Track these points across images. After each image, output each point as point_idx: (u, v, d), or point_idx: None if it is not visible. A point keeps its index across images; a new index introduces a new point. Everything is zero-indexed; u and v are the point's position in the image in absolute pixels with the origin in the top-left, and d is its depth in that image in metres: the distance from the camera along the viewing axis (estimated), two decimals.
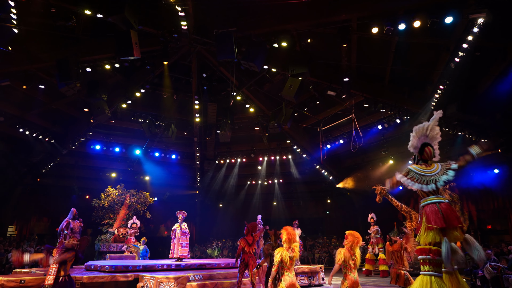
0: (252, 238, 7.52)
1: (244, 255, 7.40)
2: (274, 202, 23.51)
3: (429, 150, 4.50)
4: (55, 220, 19.38)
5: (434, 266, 4.05)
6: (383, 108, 13.42)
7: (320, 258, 19.42)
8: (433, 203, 4.23)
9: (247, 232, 7.55)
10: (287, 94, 11.64)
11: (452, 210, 4.19)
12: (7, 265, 14.25)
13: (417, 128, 4.60)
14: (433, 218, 4.12)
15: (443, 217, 4.08)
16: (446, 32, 10.17)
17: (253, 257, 7.45)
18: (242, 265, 7.41)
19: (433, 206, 4.21)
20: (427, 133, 4.53)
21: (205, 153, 20.46)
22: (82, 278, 7.78)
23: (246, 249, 7.40)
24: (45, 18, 10.51)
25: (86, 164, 20.10)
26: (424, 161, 4.53)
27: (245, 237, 7.52)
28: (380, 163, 17.73)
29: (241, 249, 7.43)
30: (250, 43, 10.65)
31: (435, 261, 4.05)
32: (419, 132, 4.58)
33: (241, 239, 7.54)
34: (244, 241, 7.47)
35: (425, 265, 4.12)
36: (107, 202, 16.02)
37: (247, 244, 7.44)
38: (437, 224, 4.08)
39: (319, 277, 10.64)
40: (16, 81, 12.14)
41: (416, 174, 4.37)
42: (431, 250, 4.09)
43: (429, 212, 4.21)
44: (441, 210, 4.13)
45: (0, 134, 15.47)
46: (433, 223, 4.10)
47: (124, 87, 14.30)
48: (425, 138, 4.54)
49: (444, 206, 4.17)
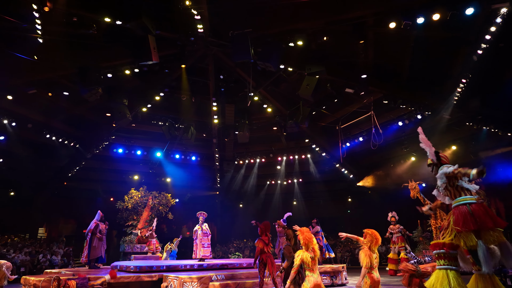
0: (268, 237, 7.54)
1: (262, 255, 7.40)
2: (294, 202, 23.43)
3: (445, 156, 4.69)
4: (81, 222, 19.97)
5: (448, 260, 4.01)
6: (403, 104, 13.18)
7: (342, 257, 19.23)
8: (463, 204, 4.07)
9: (261, 232, 7.57)
10: (304, 93, 11.61)
11: (485, 211, 3.99)
12: (38, 265, 14.82)
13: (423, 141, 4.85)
14: (462, 221, 3.97)
15: (474, 219, 3.92)
16: (467, 24, 9.86)
17: (271, 256, 7.45)
18: (261, 265, 7.40)
19: (463, 207, 4.06)
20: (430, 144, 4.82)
21: (224, 154, 20.62)
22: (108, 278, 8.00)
23: (264, 249, 7.40)
24: (67, 27, 10.88)
25: (109, 167, 20.66)
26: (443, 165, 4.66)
27: (261, 238, 7.52)
28: (401, 160, 17.39)
29: (259, 250, 7.42)
30: (265, 44, 10.69)
31: (449, 255, 4.01)
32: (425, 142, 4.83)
33: (258, 240, 7.55)
34: (262, 243, 7.47)
35: (440, 259, 4.09)
36: (131, 204, 16.41)
37: (264, 244, 7.43)
38: (466, 227, 3.92)
39: (342, 277, 10.55)
40: (41, 89, 12.62)
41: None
42: (445, 244, 4.04)
43: (457, 214, 4.07)
44: (471, 211, 3.97)
45: (28, 140, 16.10)
46: (461, 226, 3.96)
47: (143, 91, 14.63)
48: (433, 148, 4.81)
49: (475, 207, 4.00)
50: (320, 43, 12.15)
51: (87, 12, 10.44)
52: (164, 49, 11.77)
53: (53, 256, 15.63)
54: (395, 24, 9.84)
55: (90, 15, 10.43)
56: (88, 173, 20.26)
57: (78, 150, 17.20)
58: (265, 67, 10.77)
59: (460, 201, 4.13)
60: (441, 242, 4.09)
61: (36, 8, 9.34)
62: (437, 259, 4.13)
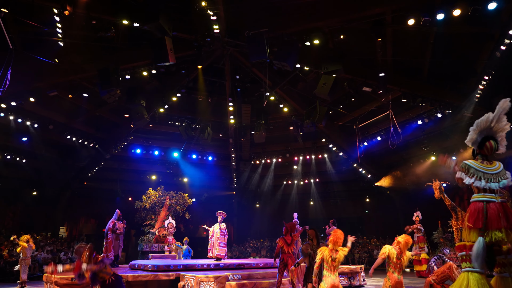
0: (291, 238, 7.50)
1: (283, 255, 7.38)
2: (311, 202, 23.27)
3: (490, 144, 4.08)
4: (101, 222, 20.39)
5: (470, 262, 3.86)
6: (422, 103, 12.87)
7: (360, 258, 18.96)
8: (481, 201, 3.95)
9: (285, 232, 7.54)
10: (321, 92, 11.50)
11: (502, 211, 3.82)
12: (59, 263, 15.19)
13: (479, 121, 4.15)
14: (473, 217, 3.90)
15: (485, 217, 3.81)
16: (490, 19, 9.55)
17: (292, 257, 7.39)
18: (281, 265, 7.39)
19: (478, 204, 3.95)
20: (491, 125, 4.10)
21: (241, 154, 20.66)
22: (127, 277, 8.13)
23: (285, 249, 7.38)
24: (87, 31, 11.12)
25: (128, 167, 21.02)
26: (483, 156, 4.14)
27: (284, 237, 7.50)
28: (421, 160, 17.00)
29: (279, 248, 7.42)
30: (281, 43, 10.63)
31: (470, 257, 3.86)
32: (481, 125, 4.13)
33: (280, 238, 7.54)
34: (282, 241, 7.46)
35: (463, 261, 3.96)
36: (148, 203, 16.64)
37: (285, 243, 7.42)
38: (474, 225, 3.85)
39: (360, 278, 10.40)
40: (62, 91, 12.95)
41: (476, 171, 4.00)
42: (466, 246, 3.92)
43: (472, 209, 3.98)
44: (486, 210, 3.85)
45: (50, 141, 16.56)
46: (470, 223, 3.89)
47: (161, 92, 14.81)
48: (489, 131, 4.12)
49: (492, 206, 3.85)
50: (337, 42, 12.01)
51: (106, 15, 10.64)
52: (180, 50, 11.88)
53: (74, 254, 16.00)
54: (414, 20, 9.61)
55: (108, 18, 10.63)
56: (107, 173, 20.68)
57: (98, 151, 17.57)
58: (281, 67, 10.72)
59: (479, 197, 3.99)
60: (462, 244, 3.97)
61: (57, 12, 9.57)
62: (462, 262, 4.02)
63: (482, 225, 3.81)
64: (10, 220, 18.40)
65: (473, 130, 4.18)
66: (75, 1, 9.63)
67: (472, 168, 4.03)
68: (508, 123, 4.14)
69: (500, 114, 4.12)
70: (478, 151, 4.20)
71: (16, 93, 12.15)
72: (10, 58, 9.26)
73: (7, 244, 14.96)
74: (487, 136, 4.12)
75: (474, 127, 4.17)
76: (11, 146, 16.06)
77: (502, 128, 4.12)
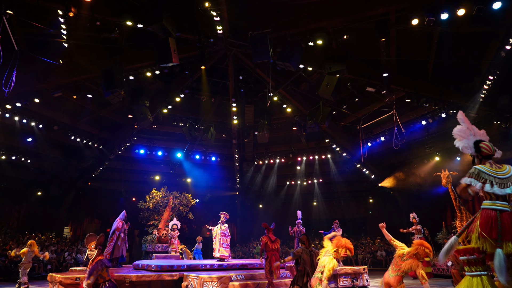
0: (275, 237, 7.89)
1: (268, 252, 7.69)
2: (314, 202, 23.22)
3: (486, 145, 3.98)
4: (105, 222, 20.52)
5: (481, 265, 3.77)
6: (426, 103, 12.82)
7: (364, 259, 18.90)
8: (494, 210, 3.74)
9: (268, 232, 7.94)
10: (324, 93, 11.48)
11: None
12: (64, 263, 15.28)
13: (458, 131, 4.15)
14: (486, 226, 3.72)
15: (499, 227, 3.64)
16: (495, 18, 9.51)
17: (276, 254, 7.71)
18: (267, 264, 7.65)
19: (491, 213, 3.74)
20: (472, 132, 4.11)
21: (244, 155, 20.67)
22: (131, 277, 8.15)
23: (270, 245, 7.71)
24: (91, 32, 11.19)
25: (131, 168, 21.10)
26: (486, 157, 3.99)
27: (268, 235, 7.87)
28: (425, 160, 16.94)
29: (264, 244, 7.75)
30: (285, 43, 10.62)
31: (481, 260, 3.76)
32: (463, 134, 4.13)
33: (264, 236, 7.90)
34: (267, 238, 7.82)
35: (471, 265, 3.84)
36: (152, 204, 16.67)
37: (269, 240, 7.76)
38: (488, 235, 3.68)
39: (363, 279, 10.36)
40: (67, 92, 13.02)
41: (488, 176, 3.79)
42: (475, 250, 3.78)
43: (484, 217, 3.78)
44: (499, 219, 3.67)
45: (55, 142, 16.65)
46: (483, 231, 3.71)
47: (164, 93, 14.86)
48: (474, 137, 4.10)
49: (505, 216, 3.68)
50: (340, 42, 12.00)
51: (110, 17, 10.69)
52: (184, 51, 11.91)
53: (78, 254, 16.07)
54: (418, 20, 9.58)
55: (112, 19, 10.68)
56: (111, 174, 20.76)
57: (102, 151, 17.65)
58: (284, 67, 10.72)
59: (490, 205, 3.80)
60: (471, 247, 3.82)
61: (62, 14, 9.64)
62: (468, 265, 3.89)
63: (497, 235, 3.64)
64: (15, 220, 18.51)
65: (458, 138, 4.15)
66: (79, 3, 9.68)
67: (483, 173, 3.81)
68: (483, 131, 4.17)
69: (468, 122, 4.17)
70: (479, 155, 4.04)
71: (21, 94, 12.23)
72: (15, 60, 9.33)
73: (12, 244, 15.06)
74: (478, 140, 4.06)
75: (456, 137, 4.17)
76: (16, 147, 16.17)
77: (483, 136, 4.12)
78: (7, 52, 9.20)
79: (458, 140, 4.17)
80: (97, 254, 5.66)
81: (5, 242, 15.38)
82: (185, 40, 11.83)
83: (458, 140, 4.17)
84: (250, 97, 15.60)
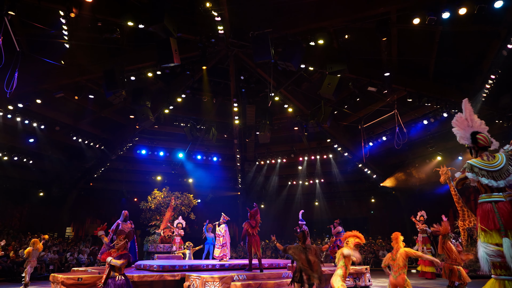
0: (255, 221, 8.71)
1: (249, 237, 8.54)
2: (316, 202, 23.21)
3: (483, 136, 4.06)
4: (107, 222, 20.50)
5: (506, 270, 3.65)
6: (428, 102, 12.80)
7: (366, 259, 18.86)
8: (488, 202, 3.87)
9: (250, 216, 8.73)
10: (326, 92, 11.47)
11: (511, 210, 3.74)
12: (66, 263, 15.30)
13: (456, 121, 4.23)
14: (485, 219, 3.80)
15: (497, 217, 3.72)
16: (496, 17, 9.49)
17: (257, 238, 8.63)
18: (249, 247, 8.58)
19: (487, 206, 3.87)
20: (469, 124, 4.16)
21: (245, 155, 20.67)
22: (133, 277, 8.16)
23: (250, 231, 8.56)
24: (92, 32, 11.21)
25: (133, 168, 21.11)
26: (482, 149, 4.07)
27: (249, 221, 8.66)
28: (426, 160, 16.90)
29: (245, 231, 8.58)
30: (286, 43, 10.63)
31: (505, 264, 3.63)
32: (460, 123, 4.20)
33: (246, 222, 8.70)
34: (247, 224, 8.65)
35: (496, 268, 3.72)
36: (154, 204, 16.69)
37: (250, 226, 8.61)
38: (488, 226, 3.75)
39: (365, 279, 10.34)
40: (68, 92, 13.05)
41: (479, 169, 3.91)
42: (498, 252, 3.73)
43: (481, 212, 3.89)
44: (496, 210, 3.76)
45: (57, 143, 16.68)
46: (484, 225, 3.78)
47: (166, 93, 14.87)
48: (471, 128, 4.15)
49: (501, 206, 3.77)
50: (342, 41, 11.98)
51: (111, 17, 10.72)
52: (185, 51, 11.92)
53: (80, 254, 16.10)
54: (419, 19, 9.58)
55: (114, 19, 10.71)
56: (113, 174, 20.78)
57: (104, 152, 17.68)
58: (286, 67, 10.72)
59: (485, 198, 3.92)
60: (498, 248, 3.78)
61: (63, 14, 9.66)
62: (493, 268, 3.77)
63: (499, 225, 3.69)
64: (17, 221, 18.55)
65: (457, 129, 4.23)
66: (80, 3, 9.70)
67: (475, 167, 3.95)
68: (482, 122, 4.20)
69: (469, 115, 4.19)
70: (476, 147, 4.13)
71: (23, 95, 12.27)
72: (17, 60, 9.36)
73: (14, 244, 15.09)
74: (475, 131, 4.12)
75: (454, 127, 4.24)
76: (18, 147, 16.20)
77: (480, 128, 4.16)
78: (9, 53, 9.24)
79: (456, 130, 4.26)
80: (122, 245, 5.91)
81: (7, 243, 15.41)
82: (186, 40, 11.84)
83: (456, 129, 4.26)
84: (251, 97, 15.60)
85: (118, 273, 5.75)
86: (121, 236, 5.96)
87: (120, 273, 5.77)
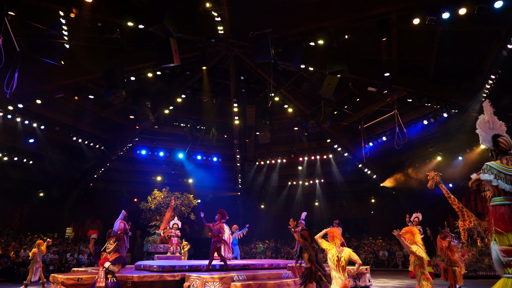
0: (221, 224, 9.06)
1: None
2: (316, 203, 23.20)
3: (504, 139, 4.04)
4: (107, 222, 20.50)
5: None
6: (428, 102, 12.80)
7: (366, 259, 18.86)
8: (503, 205, 3.85)
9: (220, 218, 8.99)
10: (326, 93, 11.47)
11: None
12: (66, 264, 15.30)
13: (479, 123, 4.22)
14: (501, 221, 3.80)
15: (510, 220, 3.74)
16: (496, 17, 9.50)
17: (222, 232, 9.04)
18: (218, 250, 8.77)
19: (501, 208, 3.85)
20: (491, 126, 4.15)
21: (245, 155, 20.67)
22: (133, 277, 8.15)
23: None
24: (92, 33, 11.21)
25: (133, 168, 21.12)
26: (503, 152, 4.04)
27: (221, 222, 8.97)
28: (427, 160, 16.89)
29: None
30: (286, 43, 10.62)
31: None
32: (482, 126, 4.18)
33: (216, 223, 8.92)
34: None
35: (508, 267, 3.75)
36: (154, 204, 16.69)
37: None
38: (502, 229, 3.76)
39: (365, 279, 10.35)
40: (68, 93, 13.05)
41: (498, 172, 3.87)
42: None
43: (496, 214, 3.88)
44: (510, 212, 3.77)
45: (57, 143, 16.68)
46: (499, 228, 3.79)
47: (166, 94, 14.87)
48: (492, 130, 4.15)
49: None
50: (342, 42, 11.99)
51: (111, 17, 10.72)
52: (185, 52, 11.92)
53: (80, 255, 16.10)
54: (419, 20, 9.57)
55: (114, 20, 10.71)
56: (113, 175, 20.79)
57: (104, 152, 17.67)
58: (286, 67, 10.71)
59: (500, 201, 3.89)
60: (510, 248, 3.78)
61: (63, 15, 9.66)
62: (506, 267, 3.79)
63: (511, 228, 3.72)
64: (17, 221, 18.55)
65: (479, 130, 4.22)
66: (80, 4, 9.70)
67: (493, 169, 3.91)
68: (502, 123, 4.20)
69: (490, 117, 4.18)
70: (496, 150, 4.11)
71: (23, 95, 12.27)
72: (17, 61, 9.34)
73: (14, 244, 15.09)
74: (496, 134, 4.10)
75: (478, 128, 4.24)
76: (18, 148, 16.20)
77: (501, 129, 4.15)
78: (9, 53, 9.23)
79: (479, 131, 4.24)
80: (114, 248, 6.05)
81: (7, 243, 15.41)
82: (186, 40, 11.84)
83: (479, 131, 4.24)
84: (251, 97, 15.60)
85: (110, 275, 5.91)
86: (111, 239, 6.02)
87: (112, 275, 5.94)
